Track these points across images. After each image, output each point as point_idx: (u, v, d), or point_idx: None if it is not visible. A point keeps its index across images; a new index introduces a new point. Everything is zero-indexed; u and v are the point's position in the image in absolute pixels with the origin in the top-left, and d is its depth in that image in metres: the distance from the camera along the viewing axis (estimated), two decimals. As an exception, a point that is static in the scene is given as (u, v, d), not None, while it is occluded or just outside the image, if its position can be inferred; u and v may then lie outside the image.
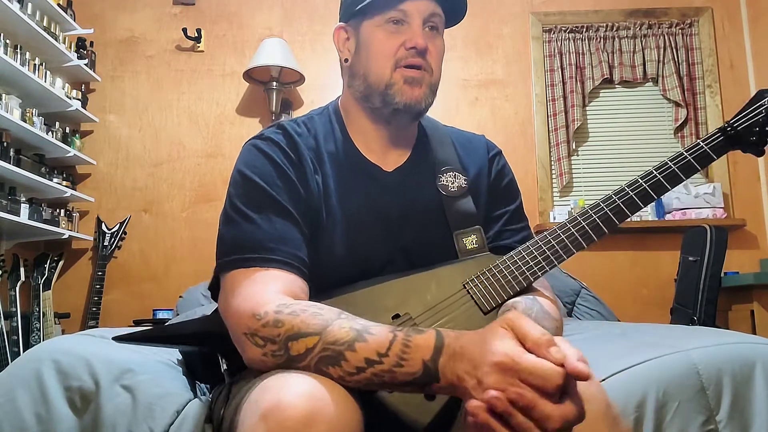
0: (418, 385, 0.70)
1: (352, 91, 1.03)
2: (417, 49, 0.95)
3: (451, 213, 1.01)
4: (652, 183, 0.96)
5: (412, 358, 0.69)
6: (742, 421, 1.02)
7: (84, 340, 1.11)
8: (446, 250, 0.99)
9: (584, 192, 3.35)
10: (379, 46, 0.97)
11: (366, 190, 0.99)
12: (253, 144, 0.98)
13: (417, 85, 0.97)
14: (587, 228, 0.95)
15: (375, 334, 0.71)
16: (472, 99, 3.39)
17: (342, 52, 1.04)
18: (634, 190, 0.95)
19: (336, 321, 0.74)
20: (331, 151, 1.01)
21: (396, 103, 0.97)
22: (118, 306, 3.16)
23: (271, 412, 0.64)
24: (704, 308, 2.55)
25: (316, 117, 1.06)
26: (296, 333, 0.74)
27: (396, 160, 1.04)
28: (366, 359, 0.70)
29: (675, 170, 0.96)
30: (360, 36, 1.00)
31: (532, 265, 0.94)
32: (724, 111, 3.31)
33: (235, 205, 0.91)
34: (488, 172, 1.08)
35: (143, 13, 3.46)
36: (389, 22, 0.97)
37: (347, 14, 1.03)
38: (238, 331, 0.80)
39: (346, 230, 0.96)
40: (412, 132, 1.07)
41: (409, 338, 0.70)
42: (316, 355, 0.72)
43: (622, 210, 0.95)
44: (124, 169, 3.33)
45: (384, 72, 0.97)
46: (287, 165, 0.95)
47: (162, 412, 0.94)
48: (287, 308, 0.77)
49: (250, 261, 0.85)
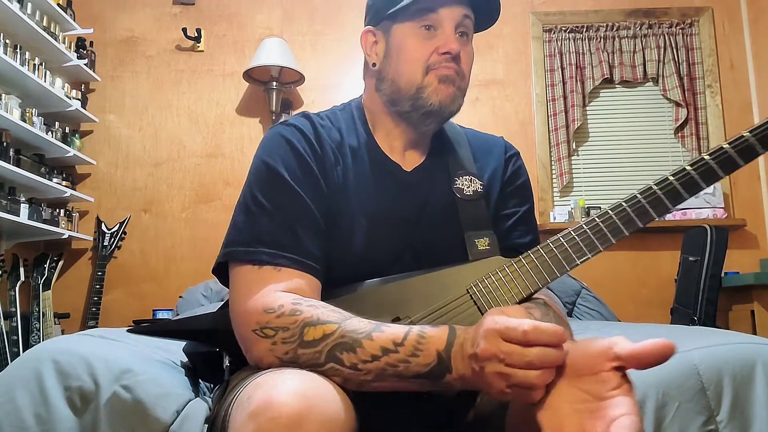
0: (430, 378, 0.71)
1: (379, 94, 1.02)
2: (451, 54, 0.95)
3: (465, 215, 1.00)
4: (685, 180, 0.87)
5: (427, 348, 0.71)
6: (742, 421, 1.02)
7: (84, 340, 1.11)
8: (456, 251, 0.98)
9: (584, 192, 3.35)
10: (412, 51, 0.96)
11: (385, 187, 0.99)
12: (278, 131, 0.97)
13: (451, 84, 0.97)
14: (605, 228, 0.88)
15: (391, 327, 0.75)
16: (473, 99, 3.38)
17: (370, 56, 1.03)
18: (662, 189, 0.87)
19: (353, 317, 0.77)
20: (353, 146, 1.00)
21: (429, 105, 0.96)
22: (117, 306, 3.16)
23: (262, 410, 0.64)
24: (704, 308, 2.55)
25: (338, 112, 1.06)
26: (316, 320, 0.76)
27: (415, 159, 1.04)
28: (382, 348, 0.72)
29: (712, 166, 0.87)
30: (390, 40, 0.99)
31: (541, 269, 0.90)
32: (725, 111, 3.31)
33: (254, 195, 0.90)
34: (503, 172, 1.07)
35: (143, 13, 3.46)
36: (422, 27, 0.96)
37: (377, 18, 1.01)
38: (247, 329, 0.80)
39: (364, 227, 0.95)
40: (433, 132, 1.07)
41: (423, 331, 0.73)
42: (332, 341, 0.73)
43: (646, 211, 0.87)
44: (124, 169, 3.33)
45: (416, 77, 0.96)
46: (310, 155, 0.94)
47: (162, 412, 0.94)
48: (306, 302, 0.79)
49: (264, 257, 0.85)
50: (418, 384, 0.73)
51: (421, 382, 0.72)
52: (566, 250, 0.89)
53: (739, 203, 3.26)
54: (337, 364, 0.72)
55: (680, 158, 3.35)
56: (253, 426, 0.63)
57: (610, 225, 0.88)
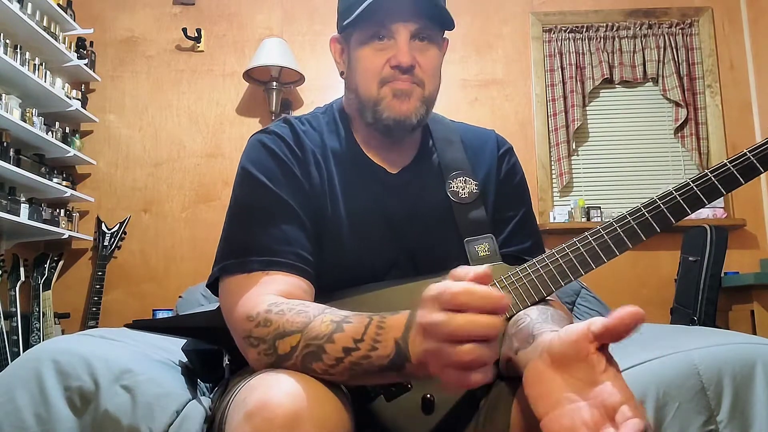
0: (393, 370, 0.67)
1: (349, 103, 1.03)
2: (401, 67, 0.92)
3: (462, 220, 0.99)
4: (705, 186, 0.87)
5: (384, 339, 0.67)
6: (742, 421, 1.02)
7: (84, 340, 1.11)
8: (456, 257, 0.96)
9: (584, 192, 3.35)
10: (366, 63, 0.95)
11: (371, 190, 0.98)
12: (258, 139, 0.97)
13: (406, 99, 0.94)
14: (614, 236, 0.89)
15: (352, 322, 0.70)
16: (472, 99, 3.39)
17: (338, 63, 1.03)
18: (682, 195, 0.88)
19: (318, 316, 0.73)
20: (335, 149, 1.00)
21: (385, 118, 0.94)
22: (117, 306, 3.16)
23: (257, 411, 0.64)
24: (704, 308, 2.55)
25: (320, 115, 1.05)
26: (282, 332, 0.74)
27: (401, 161, 1.02)
28: (344, 348, 0.69)
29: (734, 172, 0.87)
30: (351, 51, 0.99)
31: (546, 279, 0.89)
32: (724, 111, 3.31)
33: (239, 205, 0.91)
34: (497, 171, 1.05)
35: (143, 13, 3.46)
36: (374, 38, 0.94)
37: (339, 26, 1.00)
38: (240, 335, 0.80)
39: (351, 230, 0.95)
40: (415, 134, 1.05)
41: (383, 320, 0.69)
42: (300, 353, 0.71)
43: (650, 224, 0.88)
44: (124, 169, 3.33)
45: (372, 90, 0.95)
46: (292, 160, 0.94)
47: (162, 412, 0.94)
48: (276, 307, 0.77)
49: (254, 264, 0.85)
50: (387, 377, 0.69)
51: (388, 375, 0.68)
52: (571, 260, 0.90)
53: (739, 203, 3.26)
54: (311, 372, 0.71)
55: (680, 158, 3.35)
56: (249, 427, 0.63)
57: (614, 237, 0.89)
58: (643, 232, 0.89)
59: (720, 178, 0.87)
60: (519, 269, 0.91)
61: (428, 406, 0.82)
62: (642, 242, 0.90)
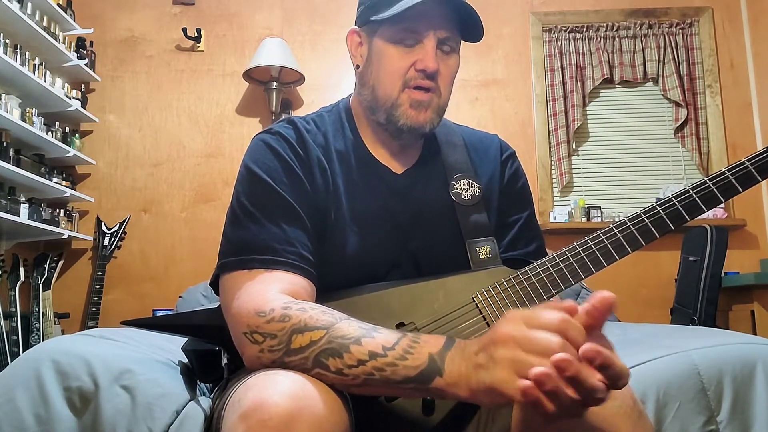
0: (418, 381, 0.67)
1: (360, 99, 1.02)
2: (427, 72, 0.93)
3: (465, 222, 0.99)
4: (687, 202, 0.91)
5: (418, 351, 0.68)
6: (742, 421, 1.02)
7: (83, 340, 1.11)
8: (458, 259, 0.97)
9: (584, 192, 3.35)
10: (390, 63, 0.95)
11: (375, 190, 0.98)
12: (261, 139, 0.97)
13: (423, 110, 0.95)
14: (614, 240, 0.90)
15: (383, 333, 0.72)
16: (472, 99, 3.38)
17: (354, 57, 1.03)
18: (681, 202, 0.91)
19: (345, 320, 0.74)
20: (340, 149, 1.00)
21: (401, 124, 0.96)
22: (117, 306, 3.16)
23: (253, 411, 0.63)
24: (704, 308, 2.55)
25: (325, 115, 1.05)
26: (303, 326, 0.73)
27: (406, 162, 1.02)
28: (370, 352, 0.69)
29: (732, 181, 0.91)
30: (372, 46, 0.98)
31: (547, 283, 0.90)
32: (725, 111, 3.30)
33: (241, 203, 0.91)
34: (501, 176, 1.06)
35: (143, 13, 3.46)
36: (404, 39, 0.94)
37: (362, 19, 1.00)
38: (239, 330, 0.80)
39: (355, 230, 0.94)
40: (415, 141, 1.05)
41: (418, 336, 0.71)
42: (319, 347, 0.71)
43: (649, 229, 0.90)
44: (123, 169, 3.33)
45: (392, 91, 0.95)
46: (295, 161, 0.94)
47: (162, 412, 0.94)
48: (296, 305, 0.77)
49: (254, 263, 0.85)
50: (405, 390, 0.70)
51: (408, 388, 0.69)
52: (572, 264, 0.91)
53: (739, 203, 3.25)
54: (322, 369, 0.71)
55: (680, 158, 3.35)
56: (244, 427, 0.63)
57: (614, 242, 0.91)
58: (643, 238, 0.91)
59: (718, 186, 0.91)
60: (521, 272, 0.92)
61: (428, 407, 0.82)
62: (641, 247, 0.91)
